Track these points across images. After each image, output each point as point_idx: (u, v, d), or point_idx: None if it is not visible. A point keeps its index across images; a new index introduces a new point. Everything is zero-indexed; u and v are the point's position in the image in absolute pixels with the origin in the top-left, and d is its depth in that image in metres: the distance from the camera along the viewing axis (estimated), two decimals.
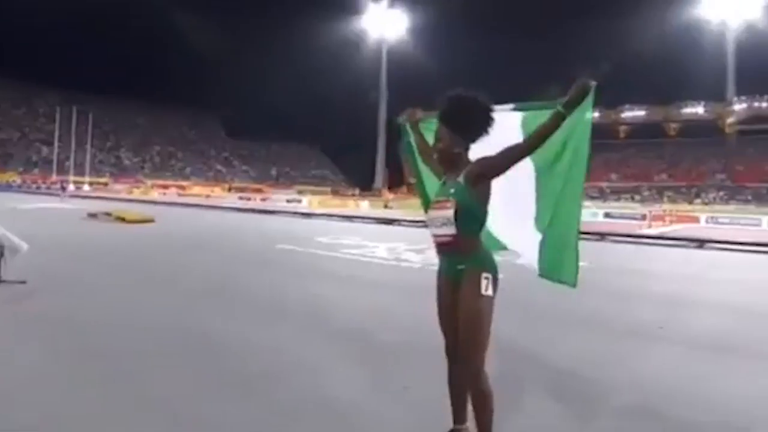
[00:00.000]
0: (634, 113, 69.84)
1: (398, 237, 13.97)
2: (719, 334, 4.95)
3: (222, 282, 6.83)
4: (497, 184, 2.20)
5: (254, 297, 5.92)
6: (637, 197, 60.68)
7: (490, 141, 2.21)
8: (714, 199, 57.74)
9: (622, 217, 26.39)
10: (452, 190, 2.19)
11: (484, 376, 2.16)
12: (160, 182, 61.81)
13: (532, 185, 2.49)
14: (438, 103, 2.27)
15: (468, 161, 2.23)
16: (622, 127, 71.06)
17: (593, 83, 2.11)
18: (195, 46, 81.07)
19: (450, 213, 2.14)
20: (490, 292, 2.15)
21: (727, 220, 28.16)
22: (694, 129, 66.68)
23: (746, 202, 53.91)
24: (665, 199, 58.84)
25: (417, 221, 20.52)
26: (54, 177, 52.67)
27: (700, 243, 14.28)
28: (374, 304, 5.93)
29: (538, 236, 2.44)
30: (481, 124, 2.22)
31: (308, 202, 41.20)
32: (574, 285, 2.30)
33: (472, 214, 2.17)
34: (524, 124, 2.45)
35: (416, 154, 2.85)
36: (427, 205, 2.51)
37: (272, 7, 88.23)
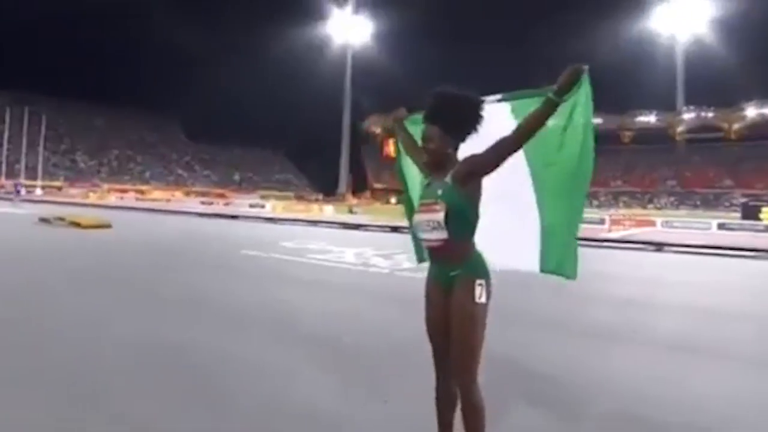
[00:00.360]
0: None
1: (365, 242, 13.87)
2: (683, 336, 5.07)
3: (185, 289, 6.59)
4: (486, 184, 2.08)
5: (219, 303, 5.71)
6: (594, 202, 62.30)
7: (478, 136, 2.10)
8: (666, 204, 59.87)
9: (583, 221, 27.00)
10: (440, 192, 2.06)
11: (476, 389, 2.05)
12: (118, 186, 59.88)
13: (527, 180, 2.36)
14: (425, 100, 2.14)
15: (456, 161, 2.11)
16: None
17: (585, 67, 2.04)
18: (158, 47, 79.38)
19: (440, 216, 2.00)
20: (483, 299, 2.05)
21: (680, 224, 29.28)
22: (647, 137, 68.98)
23: (695, 206, 56.09)
24: (621, 204, 60.73)
25: (383, 226, 20.57)
26: (3, 180, 50.41)
27: (659, 246, 14.87)
28: (344, 310, 5.79)
29: (538, 232, 2.36)
30: (472, 123, 2.11)
31: (272, 207, 40.64)
32: (575, 277, 2.29)
33: (463, 217, 2.04)
34: (514, 114, 2.33)
35: (402, 157, 2.72)
36: (411, 212, 2.38)
37: (237, 11, 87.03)
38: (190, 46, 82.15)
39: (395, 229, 19.45)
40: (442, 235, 2.03)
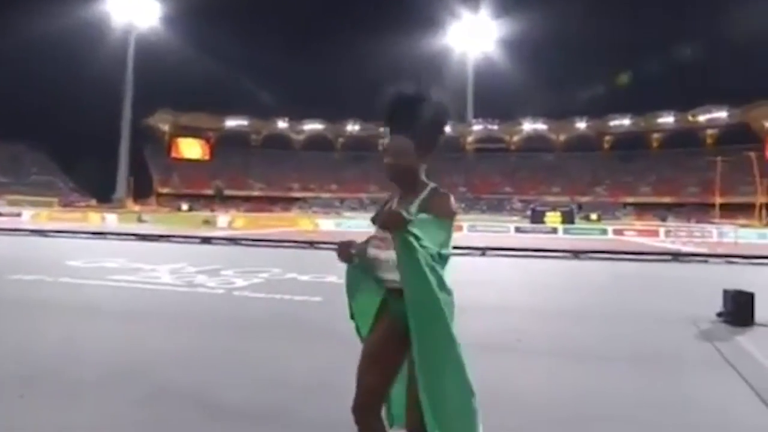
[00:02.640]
0: None
1: (176, 256, 11.86)
2: (569, 341, 4.85)
3: None
4: None
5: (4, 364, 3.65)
6: None
7: None
8: (457, 209, 65.45)
9: None
10: None
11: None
12: None
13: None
14: (383, 102, 1.93)
15: (426, 184, 1.92)
16: (381, 140, 76.35)
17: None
18: None
19: None
20: None
21: (483, 228, 32.20)
22: (442, 146, 74.89)
23: (482, 211, 62.08)
24: None
25: (191, 237, 17.91)
26: None
27: (483, 251, 15.15)
28: (199, 350, 4.24)
29: None
30: (441, 134, 2.02)
31: (32, 215, 33.32)
32: None
33: None
34: None
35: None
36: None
37: None
38: None
39: (206, 240, 17.10)
40: None
